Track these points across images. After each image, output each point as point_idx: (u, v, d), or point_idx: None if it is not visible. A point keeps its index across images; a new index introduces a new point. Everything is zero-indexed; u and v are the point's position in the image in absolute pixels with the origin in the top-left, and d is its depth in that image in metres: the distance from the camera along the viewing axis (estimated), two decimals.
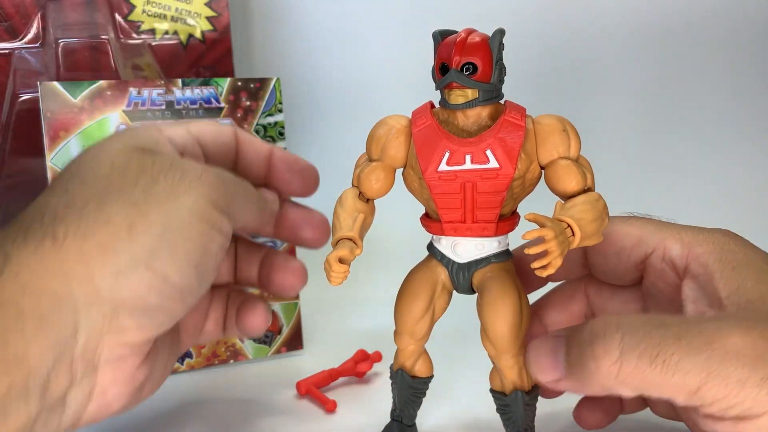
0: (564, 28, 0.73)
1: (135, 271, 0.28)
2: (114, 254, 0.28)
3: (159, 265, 0.29)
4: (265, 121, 0.53)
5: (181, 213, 0.30)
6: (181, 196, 0.30)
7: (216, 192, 0.31)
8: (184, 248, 0.29)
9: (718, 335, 0.26)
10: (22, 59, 0.55)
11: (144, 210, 0.29)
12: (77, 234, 0.28)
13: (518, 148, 0.31)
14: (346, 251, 0.31)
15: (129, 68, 0.56)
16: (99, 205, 0.29)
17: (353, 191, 0.34)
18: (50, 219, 0.28)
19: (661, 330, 0.26)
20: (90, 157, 0.32)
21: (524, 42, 0.72)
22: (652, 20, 0.73)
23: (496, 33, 0.32)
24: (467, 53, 0.31)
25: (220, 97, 0.51)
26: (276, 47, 0.73)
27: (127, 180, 0.30)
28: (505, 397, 0.34)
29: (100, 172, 0.31)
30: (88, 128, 0.48)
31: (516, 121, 0.32)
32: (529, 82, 0.70)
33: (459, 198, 0.32)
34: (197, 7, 0.59)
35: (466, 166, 0.32)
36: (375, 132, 0.34)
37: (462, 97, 0.32)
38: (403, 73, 0.69)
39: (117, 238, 0.28)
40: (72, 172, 0.32)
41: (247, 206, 0.34)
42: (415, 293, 0.35)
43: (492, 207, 0.32)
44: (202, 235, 0.30)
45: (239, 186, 0.34)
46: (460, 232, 0.33)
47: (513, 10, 0.72)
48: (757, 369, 0.25)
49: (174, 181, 0.30)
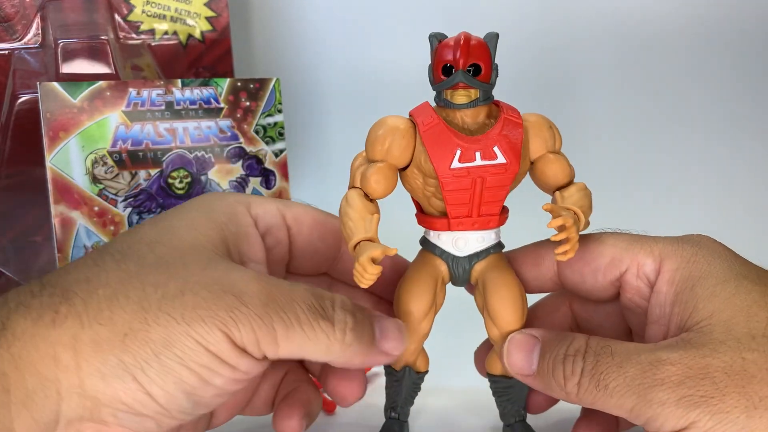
0: (552, 31, 0.73)
1: (120, 380, 0.27)
2: (104, 355, 0.27)
3: (146, 382, 0.27)
4: (265, 122, 0.53)
5: (185, 341, 0.27)
6: (196, 323, 0.27)
7: (244, 329, 0.28)
8: (177, 374, 0.27)
9: (651, 364, 0.29)
10: (22, 60, 0.55)
11: (150, 321, 0.27)
12: (77, 319, 0.27)
13: (520, 144, 0.33)
14: (379, 251, 0.30)
15: (128, 68, 0.56)
16: (112, 294, 0.28)
17: (358, 192, 0.33)
18: (62, 291, 0.28)
19: (608, 358, 0.30)
20: (152, 228, 0.31)
21: (517, 44, 0.72)
22: (641, 24, 0.73)
23: (493, 36, 0.33)
24: (472, 55, 0.32)
25: (219, 97, 0.51)
26: (276, 47, 0.73)
27: (155, 278, 0.28)
28: (510, 378, 0.36)
29: (143, 259, 0.29)
30: (87, 128, 0.48)
31: (515, 119, 0.34)
32: (520, 84, 0.70)
33: (469, 194, 0.33)
34: (197, 8, 0.59)
35: (477, 162, 0.33)
36: (376, 133, 0.34)
37: (466, 97, 0.33)
38: (404, 73, 0.69)
39: (111, 341, 0.27)
40: (122, 241, 0.31)
41: (300, 342, 0.29)
42: (420, 291, 0.35)
43: (497, 200, 0.34)
44: (203, 368, 0.28)
45: (293, 316, 0.29)
46: (466, 226, 0.34)
47: (501, 12, 0.72)
48: (678, 391, 0.28)
49: (199, 299, 0.28)
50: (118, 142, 0.49)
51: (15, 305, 0.27)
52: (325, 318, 0.29)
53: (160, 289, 0.28)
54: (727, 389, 0.28)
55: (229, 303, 0.28)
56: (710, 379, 0.28)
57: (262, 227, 0.35)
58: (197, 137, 0.51)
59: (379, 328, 0.32)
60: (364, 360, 0.31)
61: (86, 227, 0.47)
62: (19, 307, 0.27)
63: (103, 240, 0.48)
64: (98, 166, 0.48)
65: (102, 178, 0.48)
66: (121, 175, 0.49)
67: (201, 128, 0.51)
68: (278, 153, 0.53)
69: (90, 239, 0.47)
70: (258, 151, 0.53)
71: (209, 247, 0.31)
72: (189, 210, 0.33)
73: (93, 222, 0.48)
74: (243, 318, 0.28)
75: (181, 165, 0.50)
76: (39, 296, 0.27)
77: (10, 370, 0.26)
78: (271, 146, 0.53)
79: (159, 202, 0.50)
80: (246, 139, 0.52)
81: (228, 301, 0.28)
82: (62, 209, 0.47)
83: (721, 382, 0.28)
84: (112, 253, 0.30)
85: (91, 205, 0.48)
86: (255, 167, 0.53)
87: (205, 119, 0.51)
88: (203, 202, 0.34)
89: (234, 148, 0.52)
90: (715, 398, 0.27)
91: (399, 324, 0.33)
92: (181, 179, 0.50)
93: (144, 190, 0.49)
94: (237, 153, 0.52)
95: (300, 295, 0.29)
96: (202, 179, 0.51)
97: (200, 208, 0.33)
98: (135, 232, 0.31)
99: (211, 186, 0.51)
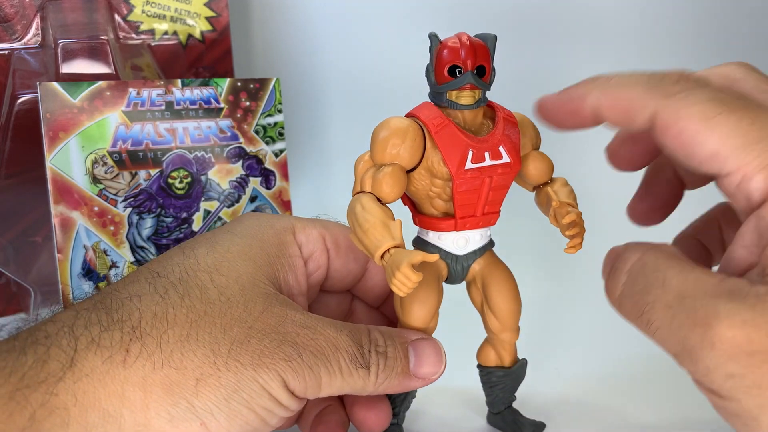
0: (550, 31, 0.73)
1: (189, 423, 0.28)
2: (174, 398, 0.28)
3: (214, 426, 0.29)
4: (265, 122, 0.53)
5: (252, 385, 0.29)
6: (261, 369, 0.29)
7: (298, 377, 0.30)
8: (243, 417, 0.29)
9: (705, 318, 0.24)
10: (22, 60, 0.55)
11: (221, 366, 0.29)
12: (149, 360, 0.28)
13: (519, 143, 0.34)
14: (419, 257, 0.30)
15: (128, 68, 0.56)
16: (184, 336, 0.29)
17: (372, 197, 0.33)
18: (130, 329, 0.28)
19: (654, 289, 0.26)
20: (208, 252, 0.32)
21: (515, 43, 0.72)
22: (640, 23, 0.73)
23: (492, 38, 0.33)
24: (478, 57, 0.33)
25: (219, 97, 0.51)
26: (276, 47, 0.73)
27: (224, 321, 0.30)
28: (509, 368, 0.38)
29: (205, 293, 0.31)
30: (87, 128, 0.48)
31: (512, 119, 0.34)
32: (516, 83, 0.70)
33: (477, 194, 0.34)
34: (197, 8, 0.59)
35: (486, 162, 0.33)
36: (382, 135, 0.33)
37: (471, 98, 0.33)
38: (403, 73, 0.69)
39: (182, 384, 0.28)
40: (179, 266, 0.32)
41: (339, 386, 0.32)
42: (425, 294, 0.35)
43: (500, 199, 0.35)
44: (264, 411, 0.30)
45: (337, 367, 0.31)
46: (471, 225, 0.35)
47: (501, 12, 0.72)
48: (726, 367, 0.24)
49: (263, 347, 0.30)
50: (118, 142, 0.48)
51: (86, 343, 0.28)
52: (364, 366, 0.32)
53: (228, 333, 0.29)
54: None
55: (288, 353, 0.30)
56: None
57: (305, 254, 0.36)
58: (197, 137, 0.51)
59: (415, 354, 0.34)
60: (397, 390, 0.34)
61: (86, 227, 0.47)
62: (90, 345, 0.28)
63: (103, 240, 0.48)
64: (98, 166, 0.48)
65: (102, 178, 0.48)
66: (121, 175, 0.49)
67: (201, 128, 0.51)
68: (278, 153, 0.53)
69: (90, 239, 0.47)
70: (258, 151, 0.53)
71: (264, 282, 0.32)
72: (242, 236, 0.34)
73: (93, 222, 0.48)
74: (298, 368, 0.30)
75: (181, 165, 0.50)
76: (109, 331, 0.28)
77: (72, 405, 0.26)
78: (271, 146, 0.53)
79: (159, 202, 0.50)
80: (246, 139, 0.52)
81: (286, 352, 0.30)
82: (62, 209, 0.47)
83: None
84: (174, 283, 0.31)
85: (91, 205, 0.48)
86: (255, 167, 0.53)
87: (205, 119, 0.51)
88: (254, 227, 0.35)
89: (234, 148, 0.52)
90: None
91: (436, 346, 0.34)
92: (181, 179, 0.50)
93: (144, 190, 0.49)
94: (237, 153, 0.52)
95: (343, 344, 0.32)
96: (202, 179, 0.51)
97: (253, 234, 0.34)
98: (190, 255, 0.32)
99: (211, 186, 0.51)
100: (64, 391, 0.26)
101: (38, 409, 0.25)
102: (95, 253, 0.48)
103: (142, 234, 0.49)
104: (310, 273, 0.37)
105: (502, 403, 0.39)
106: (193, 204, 0.51)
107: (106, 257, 0.48)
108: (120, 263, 0.48)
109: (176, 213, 0.50)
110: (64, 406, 0.26)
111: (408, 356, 0.33)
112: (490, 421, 0.39)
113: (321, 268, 0.37)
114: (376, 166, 0.33)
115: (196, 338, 0.29)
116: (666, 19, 0.72)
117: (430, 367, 0.34)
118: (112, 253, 0.48)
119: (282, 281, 0.34)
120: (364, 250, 0.32)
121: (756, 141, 0.25)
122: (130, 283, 0.31)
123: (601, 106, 0.29)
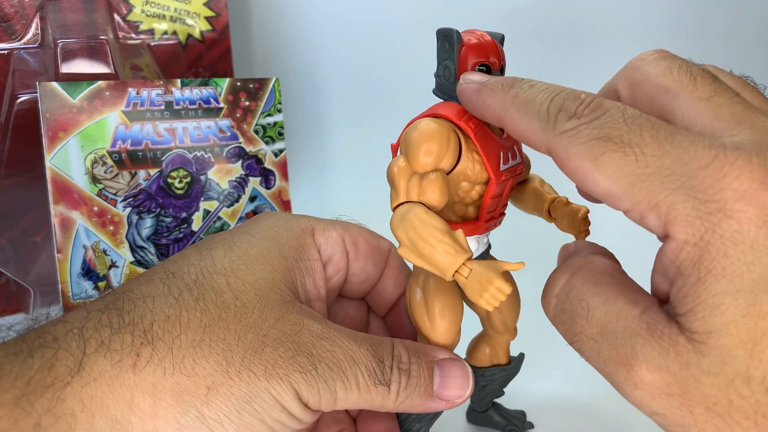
0: (549, 31, 0.73)
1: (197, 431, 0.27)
2: (184, 406, 0.27)
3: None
4: (265, 122, 0.53)
5: (265, 396, 0.28)
6: (274, 380, 0.28)
7: (312, 390, 0.29)
8: (254, 428, 0.28)
9: None
10: (21, 60, 0.55)
11: (233, 375, 0.28)
12: (159, 365, 0.27)
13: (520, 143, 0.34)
14: (506, 266, 0.28)
15: (128, 68, 0.56)
16: (197, 341, 0.28)
17: (425, 208, 0.30)
18: (141, 332, 0.28)
19: None
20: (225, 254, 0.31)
21: (514, 43, 0.72)
22: (639, 24, 0.73)
23: (500, 37, 0.33)
24: (501, 56, 0.32)
25: (219, 97, 0.51)
26: (276, 47, 0.73)
27: (238, 327, 0.29)
28: (508, 365, 0.38)
29: (221, 296, 0.30)
30: (87, 128, 0.48)
31: None
32: None
33: (501, 195, 0.33)
34: (196, 7, 0.59)
35: (510, 163, 0.32)
36: (422, 141, 0.30)
37: None
38: (403, 72, 0.69)
39: (193, 392, 0.27)
40: (195, 267, 0.31)
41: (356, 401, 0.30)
42: (454, 306, 0.33)
43: (508, 199, 0.35)
44: (276, 423, 0.29)
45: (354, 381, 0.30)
46: (490, 227, 0.34)
47: (500, 12, 0.72)
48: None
49: (277, 357, 0.29)
50: (117, 141, 0.48)
51: (95, 346, 0.27)
52: (383, 384, 0.30)
53: (242, 341, 0.28)
54: None
55: (302, 365, 0.29)
56: None
57: (324, 257, 0.35)
58: (197, 137, 0.51)
59: (441, 374, 0.32)
60: (418, 410, 0.32)
61: (86, 227, 0.47)
62: (100, 349, 0.27)
63: (103, 240, 0.48)
64: (98, 166, 0.48)
65: (101, 178, 0.48)
66: (121, 175, 0.49)
67: (200, 128, 0.51)
68: (278, 153, 0.53)
69: (89, 239, 0.47)
70: (257, 150, 0.53)
71: (281, 288, 0.31)
72: (260, 238, 0.33)
73: (92, 222, 0.48)
74: (312, 381, 0.29)
75: (181, 165, 0.50)
76: (119, 333, 0.27)
77: (79, 411, 0.26)
78: (270, 146, 0.53)
79: (158, 202, 0.50)
80: (245, 139, 0.52)
81: (301, 363, 0.29)
82: (62, 209, 0.47)
83: None
84: (189, 285, 0.30)
85: (90, 205, 0.48)
86: (254, 167, 0.53)
87: (205, 119, 0.51)
88: (272, 228, 0.34)
89: (233, 148, 0.52)
90: None
91: (464, 368, 0.32)
92: (180, 179, 0.50)
93: (143, 189, 0.49)
94: (236, 153, 0.52)
95: (362, 358, 0.30)
96: (202, 179, 0.51)
97: (271, 236, 0.33)
98: (207, 256, 0.32)
99: (210, 186, 0.51)
100: (71, 396, 0.26)
101: (44, 416, 0.25)
102: (95, 252, 0.48)
103: (141, 234, 0.49)
104: (329, 277, 0.36)
105: (491, 399, 0.39)
106: (192, 204, 0.51)
107: (105, 257, 0.48)
108: (119, 263, 0.48)
109: (176, 213, 0.50)
110: (71, 412, 0.25)
111: (432, 376, 0.32)
112: (471, 419, 0.40)
113: (341, 272, 0.36)
114: (418, 173, 0.30)
115: (209, 344, 0.28)
116: (666, 20, 0.72)
117: (456, 390, 0.32)
118: (112, 253, 0.48)
119: (299, 286, 0.33)
120: (425, 265, 0.29)
121: (641, 179, 0.24)
122: (144, 283, 0.30)
123: (506, 126, 0.28)
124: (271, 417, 0.28)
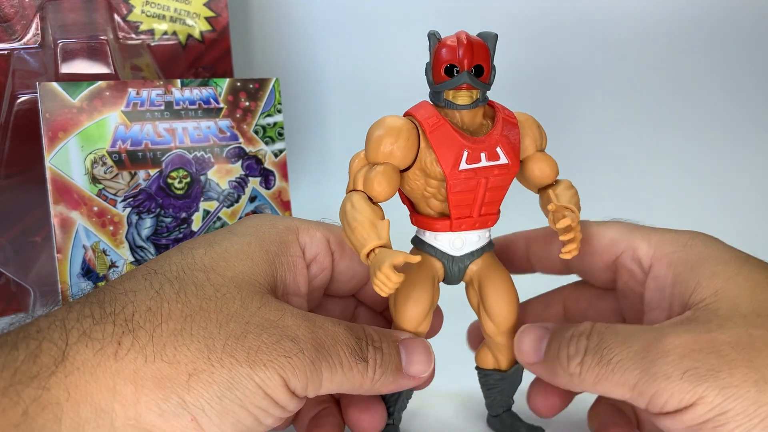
0: (549, 31, 0.73)
1: (179, 418, 0.27)
2: (165, 392, 0.27)
3: (205, 422, 0.28)
4: (264, 122, 0.53)
5: (247, 383, 0.28)
6: (258, 366, 0.28)
7: (297, 374, 0.29)
8: (236, 416, 0.28)
9: (655, 338, 0.29)
10: (21, 60, 0.55)
11: (215, 362, 0.28)
12: (141, 353, 0.27)
13: (518, 144, 0.34)
14: (401, 258, 0.30)
15: (128, 69, 0.56)
16: (177, 330, 0.28)
17: (362, 196, 0.33)
18: (123, 322, 0.28)
19: (612, 336, 0.30)
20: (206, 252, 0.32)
21: (513, 43, 0.72)
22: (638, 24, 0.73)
23: (492, 36, 0.33)
24: (476, 56, 0.32)
25: (219, 97, 0.51)
26: (275, 47, 0.73)
27: (219, 316, 0.29)
28: (505, 372, 0.37)
29: (201, 290, 0.30)
30: (87, 128, 0.48)
31: (512, 119, 0.34)
32: (515, 83, 0.70)
33: (473, 195, 0.33)
34: (196, 8, 0.59)
35: (482, 163, 0.33)
36: (376, 134, 0.33)
37: (468, 98, 0.33)
38: (403, 72, 0.69)
39: (174, 379, 0.27)
40: (176, 264, 0.31)
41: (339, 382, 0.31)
42: (419, 294, 0.35)
43: (497, 200, 0.34)
44: (259, 410, 0.29)
45: (338, 361, 0.31)
46: (467, 226, 0.34)
47: (500, 12, 0.72)
48: (684, 363, 0.28)
49: (261, 343, 0.29)
50: (117, 142, 0.49)
51: (77, 336, 0.27)
52: (363, 359, 0.31)
53: (223, 328, 0.29)
54: (734, 362, 0.27)
55: (287, 349, 0.29)
56: (717, 353, 0.27)
57: (308, 256, 0.36)
58: (197, 137, 0.51)
59: (406, 352, 0.33)
60: (391, 388, 0.33)
61: (85, 227, 0.47)
62: (82, 338, 0.27)
63: (103, 240, 0.48)
64: (97, 166, 0.48)
65: (101, 178, 0.48)
66: (121, 175, 0.49)
67: (200, 128, 0.51)
68: (278, 153, 0.53)
69: (89, 239, 0.47)
70: (257, 151, 0.53)
71: (261, 282, 0.32)
72: (242, 235, 0.34)
73: (92, 222, 0.48)
74: (299, 364, 0.29)
75: (181, 165, 0.50)
76: (101, 324, 0.28)
77: (64, 400, 0.26)
78: (270, 146, 0.53)
79: (158, 202, 0.50)
80: (245, 139, 0.52)
81: (286, 347, 0.29)
82: (61, 209, 0.47)
83: (728, 356, 0.27)
84: (170, 279, 0.30)
85: (90, 205, 0.48)
86: (254, 167, 0.53)
87: (205, 119, 0.51)
88: (255, 227, 0.34)
89: (233, 148, 0.52)
90: (723, 372, 0.27)
91: (425, 345, 0.34)
92: (180, 179, 0.50)
93: (143, 190, 0.49)
94: (236, 153, 0.52)
95: (342, 338, 0.31)
96: (202, 179, 0.51)
97: (253, 233, 0.34)
98: (188, 254, 0.32)
99: (210, 186, 0.51)
100: (56, 386, 0.26)
101: (31, 405, 0.25)
102: (94, 252, 0.48)
103: (141, 234, 0.49)
104: (313, 276, 0.36)
105: (500, 406, 0.38)
106: (192, 204, 0.51)
107: (105, 257, 0.48)
108: (119, 263, 0.48)
109: (175, 213, 0.50)
110: (56, 402, 0.26)
111: (400, 354, 0.33)
112: (490, 423, 0.39)
113: (325, 270, 0.37)
114: (369, 164, 0.33)
115: (190, 332, 0.28)
116: (666, 19, 0.72)
117: (420, 365, 0.33)
118: (112, 253, 0.48)
119: (279, 280, 0.34)
120: (352, 248, 0.32)
121: None
122: (127, 280, 0.31)
123: None
124: (254, 404, 0.28)
